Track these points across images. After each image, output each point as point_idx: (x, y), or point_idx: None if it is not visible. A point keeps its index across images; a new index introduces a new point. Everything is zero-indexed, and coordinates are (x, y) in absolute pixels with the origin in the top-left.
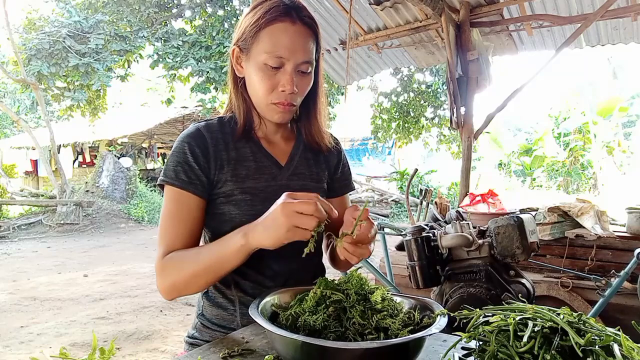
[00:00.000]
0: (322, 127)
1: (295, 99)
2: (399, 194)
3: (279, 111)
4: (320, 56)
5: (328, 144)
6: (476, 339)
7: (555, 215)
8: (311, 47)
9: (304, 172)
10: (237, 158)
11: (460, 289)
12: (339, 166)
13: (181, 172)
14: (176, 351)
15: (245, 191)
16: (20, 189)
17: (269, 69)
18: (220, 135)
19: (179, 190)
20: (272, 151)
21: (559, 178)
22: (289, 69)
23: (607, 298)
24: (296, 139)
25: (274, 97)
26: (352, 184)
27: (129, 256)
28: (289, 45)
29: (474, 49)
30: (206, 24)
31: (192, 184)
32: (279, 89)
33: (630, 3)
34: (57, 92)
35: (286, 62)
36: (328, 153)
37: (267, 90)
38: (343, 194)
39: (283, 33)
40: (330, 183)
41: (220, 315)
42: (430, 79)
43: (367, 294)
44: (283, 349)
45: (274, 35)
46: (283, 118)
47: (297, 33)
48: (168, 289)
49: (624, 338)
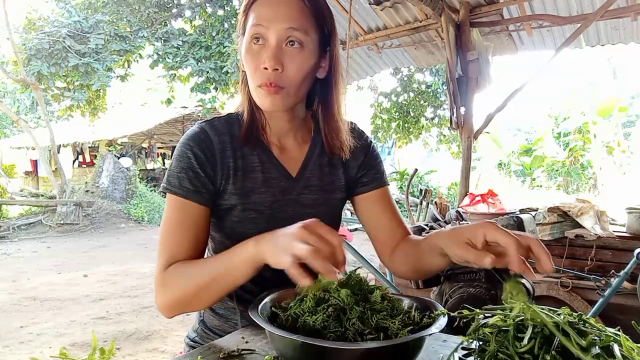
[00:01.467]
0: (340, 123)
1: (283, 79)
2: (399, 194)
3: (265, 94)
4: (335, 38)
5: (347, 142)
6: (476, 339)
7: (555, 216)
8: (300, 14)
9: (316, 182)
10: (244, 168)
11: (460, 289)
12: (365, 161)
13: (185, 180)
14: (176, 351)
15: (249, 207)
16: (20, 189)
17: (253, 45)
18: (228, 138)
19: (182, 199)
20: (282, 159)
21: (559, 178)
22: (272, 41)
23: (607, 298)
24: (312, 140)
25: (258, 78)
26: (385, 180)
27: (129, 256)
28: (268, 11)
29: (474, 49)
30: (206, 24)
31: (197, 193)
32: (261, 67)
33: (630, 3)
34: (57, 92)
35: (267, 32)
36: (349, 152)
37: (253, 71)
38: (376, 188)
39: (265, 2)
40: (353, 185)
41: (222, 327)
42: (430, 79)
43: (366, 294)
44: (283, 349)
45: (257, 8)
46: (271, 104)
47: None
48: (169, 304)
49: (624, 338)
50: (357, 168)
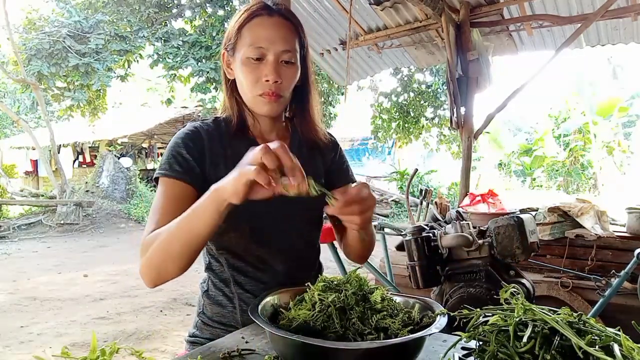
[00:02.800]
0: (316, 122)
1: (281, 89)
2: (399, 194)
3: (266, 102)
4: (308, 52)
5: (323, 139)
6: (476, 339)
7: (555, 215)
8: (291, 37)
9: None
10: (232, 156)
11: (460, 289)
12: (335, 159)
13: (175, 164)
14: (176, 351)
15: None
16: (20, 189)
17: (252, 61)
18: (216, 134)
19: (172, 180)
20: None
21: (559, 178)
22: (271, 58)
23: (607, 298)
24: (291, 136)
25: (259, 88)
26: (352, 176)
27: (129, 256)
28: (268, 35)
29: (474, 49)
30: (206, 24)
31: (186, 174)
32: (263, 79)
33: (630, 3)
34: (57, 92)
35: (267, 53)
36: (324, 148)
37: (252, 82)
38: (344, 185)
39: (261, 25)
40: (328, 176)
41: (221, 313)
42: (430, 79)
43: (366, 294)
44: (283, 349)
45: (252, 29)
46: (271, 109)
47: (275, 24)
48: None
49: (624, 338)
50: (330, 161)
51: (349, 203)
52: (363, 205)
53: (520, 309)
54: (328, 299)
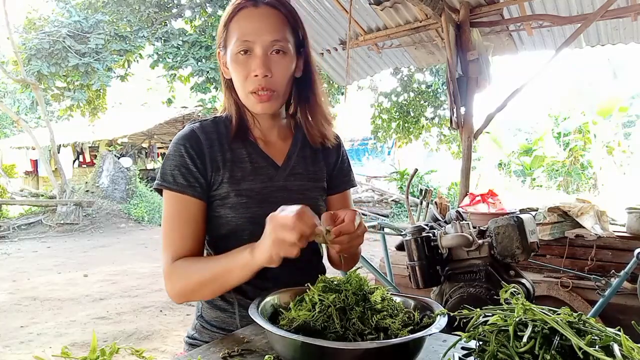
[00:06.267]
0: (323, 120)
1: (273, 84)
2: (399, 194)
3: (257, 101)
4: (307, 40)
5: (331, 139)
6: (476, 339)
7: (555, 215)
8: (281, 26)
9: (301, 171)
10: (232, 159)
11: (460, 289)
12: (337, 162)
13: (179, 176)
14: (176, 351)
15: (241, 193)
16: (20, 189)
17: (240, 56)
18: (215, 136)
19: (178, 195)
20: (268, 151)
21: (559, 178)
22: (259, 51)
23: (607, 298)
24: (294, 137)
25: (249, 85)
26: (353, 180)
27: (129, 256)
28: (254, 27)
29: (474, 49)
30: (206, 24)
31: (191, 187)
32: (252, 75)
33: (630, 3)
34: (57, 92)
35: (254, 45)
36: (329, 150)
37: (242, 79)
38: (343, 190)
39: (247, 18)
40: (329, 180)
41: (220, 318)
42: (430, 79)
43: (366, 294)
44: (283, 349)
45: (239, 22)
46: (264, 107)
47: (261, 14)
48: (177, 293)
49: (624, 338)
50: (333, 164)
51: (339, 234)
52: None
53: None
54: (328, 299)
